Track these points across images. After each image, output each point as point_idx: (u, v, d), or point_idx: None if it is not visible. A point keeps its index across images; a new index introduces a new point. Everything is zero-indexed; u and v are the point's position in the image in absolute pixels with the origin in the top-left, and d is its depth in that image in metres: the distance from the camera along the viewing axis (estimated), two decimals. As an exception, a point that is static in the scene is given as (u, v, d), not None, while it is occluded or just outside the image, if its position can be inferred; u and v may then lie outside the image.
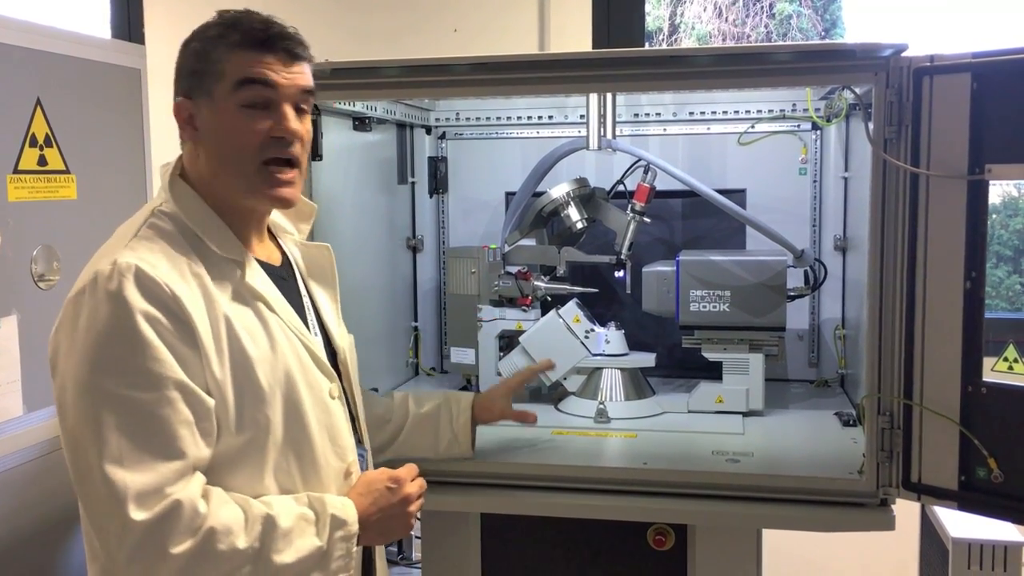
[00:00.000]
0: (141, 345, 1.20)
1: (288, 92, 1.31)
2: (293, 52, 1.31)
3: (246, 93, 1.28)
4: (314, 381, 1.37)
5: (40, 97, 2.04)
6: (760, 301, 2.06)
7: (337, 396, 1.40)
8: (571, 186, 2.23)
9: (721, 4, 5.53)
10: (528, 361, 2.18)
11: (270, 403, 1.29)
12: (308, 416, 1.34)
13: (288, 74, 1.31)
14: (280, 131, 1.30)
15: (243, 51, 1.29)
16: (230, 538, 1.20)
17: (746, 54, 1.69)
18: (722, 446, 1.87)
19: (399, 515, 1.39)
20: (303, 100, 1.34)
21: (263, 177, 1.31)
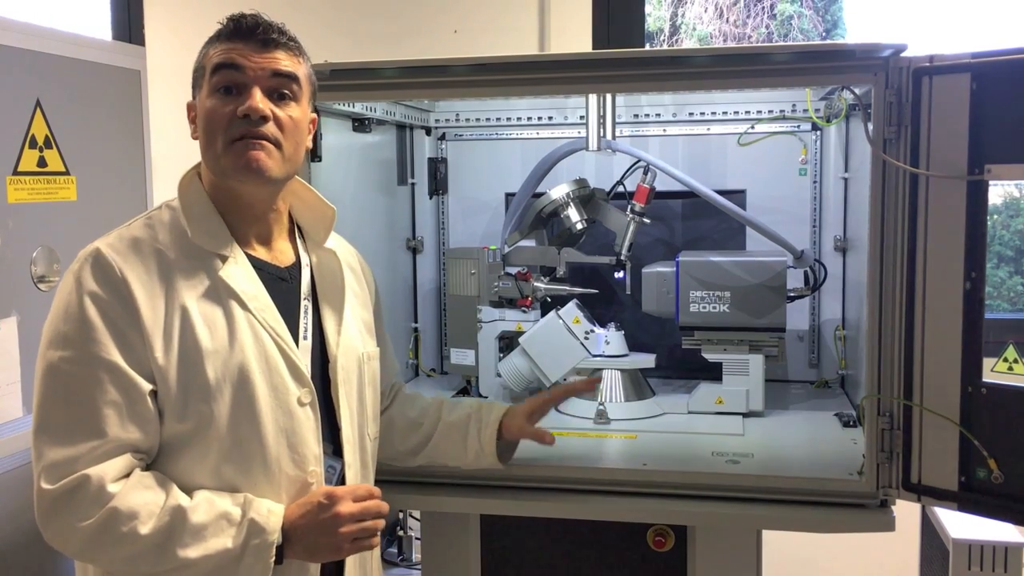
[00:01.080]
0: (84, 324, 1.28)
1: (257, 75, 1.35)
2: (266, 39, 1.36)
3: (217, 78, 1.34)
4: (280, 383, 1.36)
5: (40, 99, 2.04)
6: (760, 302, 2.06)
7: (308, 403, 1.39)
8: (571, 187, 2.23)
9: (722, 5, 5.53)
10: (528, 363, 2.18)
11: (215, 397, 1.31)
12: (263, 417, 1.34)
13: (258, 58, 1.35)
14: (244, 109, 1.33)
15: (220, 42, 1.37)
16: (133, 522, 1.24)
17: (746, 55, 1.69)
18: (722, 447, 1.86)
19: (327, 533, 1.32)
20: (281, 85, 1.37)
21: (231, 153, 1.35)
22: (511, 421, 1.68)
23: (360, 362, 1.52)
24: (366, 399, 1.53)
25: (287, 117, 1.37)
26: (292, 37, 1.40)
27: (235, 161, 1.34)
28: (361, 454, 1.51)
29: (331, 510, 1.33)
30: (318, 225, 1.54)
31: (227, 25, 1.37)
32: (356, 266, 1.65)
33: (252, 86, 1.34)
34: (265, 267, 1.43)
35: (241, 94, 1.34)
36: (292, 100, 1.38)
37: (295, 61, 1.39)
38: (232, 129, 1.33)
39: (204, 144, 1.38)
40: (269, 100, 1.35)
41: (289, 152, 1.38)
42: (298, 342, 1.42)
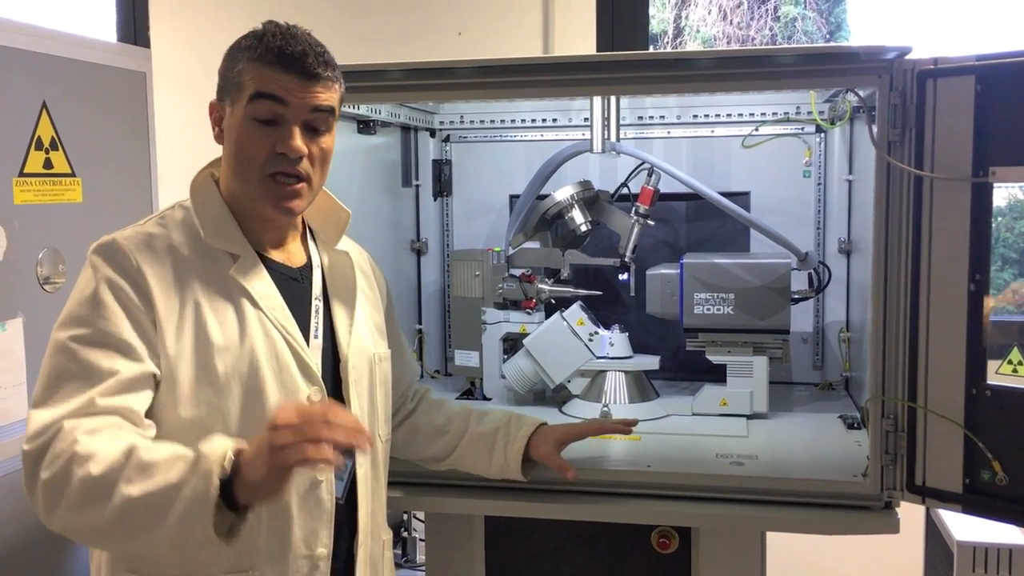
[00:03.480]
0: (98, 306, 1.30)
1: (298, 111, 1.35)
2: (310, 72, 1.34)
3: (257, 107, 1.34)
4: (289, 381, 1.37)
5: (46, 100, 2.05)
6: (764, 304, 2.06)
7: (318, 401, 1.39)
8: (575, 189, 2.23)
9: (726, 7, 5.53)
10: (532, 365, 2.18)
11: (225, 392, 1.32)
12: (272, 412, 1.33)
13: (301, 93, 1.34)
14: (283, 148, 1.35)
15: (261, 66, 1.34)
16: (87, 464, 1.18)
17: (750, 57, 1.69)
18: (726, 449, 1.86)
19: (262, 454, 1.15)
20: (319, 119, 1.38)
21: (266, 187, 1.37)
22: (540, 442, 1.66)
23: (371, 363, 1.53)
24: (377, 400, 1.54)
25: (319, 150, 1.39)
26: (332, 63, 1.39)
27: (267, 197, 1.37)
28: (372, 454, 1.51)
29: (269, 435, 1.15)
30: (331, 227, 1.55)
31: (271, 48, 1.33)
32: (368, 269, 1.66)
33: (292, 122, 1.34)
34: (277, 267, 1.45)
35: (280, 126, 1.34)
36: (326, 131, 1.40)
37: (332, 92, 1.39)
38: (268, 164, 1.35)
39: (234, 164, 1.39)
40: (305, 133, 1.36)
41: (317, 182, 1.41)
42: (309, 341, 1.43)
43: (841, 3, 5.13)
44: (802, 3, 5.38)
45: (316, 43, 1.38)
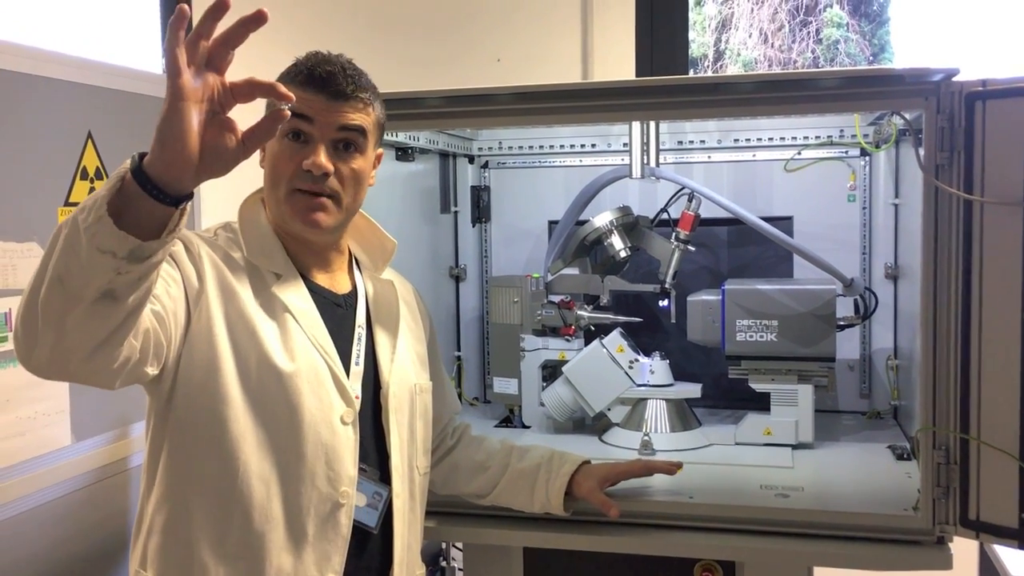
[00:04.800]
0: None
1: (324, 129, 1.37)
2: (338, 91, 1.37)
3: (288, 126, 1.35)
4: (325, 397, 1.37)
5: (91, 131, 2.08)
6: (809, 331, 2.01)
7: (350, 423, 1.39)
8: (614, 214, 2.21)
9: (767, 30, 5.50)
10: (572, 392, 2.15)
11: (260, 394, 1.33)
12: (305, 428, 1.35)
13: (328, 112, 1.37)
14: (308, 164, 1.36)
15: (294, 87, 1.36)
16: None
17: (792, 80, 1.66)
18: (771, 480, 1.82)
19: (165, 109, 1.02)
20: (347, 138, 1.39)
21: (292, 201, 1.39)
22: (583, 480, 1.65)
23: (412, 393, 1.53)
24: (417, 431, 1.53)
25: (348, 170, 1.40)
26: (364, 86, 1.41)
27: (293, 211, 1.39)
28: (410, 485, 1.50)
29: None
30: (377, 257, 1.57)
31: (301, 70, 1.38)
32: (412, 300, 1.66)
33: (318, 140, 1.37)
34: (321, 292, 1.46)
35: (307, 144, 1.37)
36: (357, 151, 1.41)
37: (363, 113, 1.41)
38: (295, 180, 1.38)
39: (269, 184, 1.42)
40: (333, 152, 1.38)
41: (347, 202, 1.42)
42: (349, 368, 1.43)
43: (884, 25, 5.08)
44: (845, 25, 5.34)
45: (352, 67, 1.40)
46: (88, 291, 1.06)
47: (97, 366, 1.13)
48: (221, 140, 1.05)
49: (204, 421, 1.32)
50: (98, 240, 1.03)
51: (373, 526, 1.42)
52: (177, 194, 1.06)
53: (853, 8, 5.42)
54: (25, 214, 1.87)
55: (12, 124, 1.85)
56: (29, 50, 1.93)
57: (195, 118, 1.02)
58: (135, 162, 1.05)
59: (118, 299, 1.08)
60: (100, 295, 1.06)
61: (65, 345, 1.09)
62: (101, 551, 2.09)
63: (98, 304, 1.07)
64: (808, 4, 5.52)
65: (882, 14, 5.43)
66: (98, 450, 2.07)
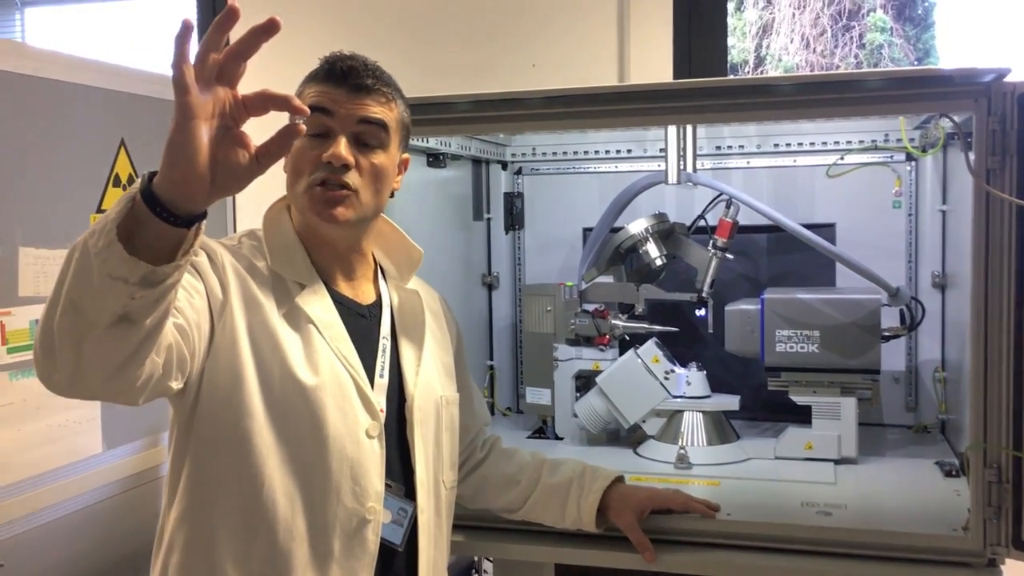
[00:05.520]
0: None
1: (345, 122, 1.35)
2: (358, 84, 1.35)
3: (308, 121, 1.32)
4: (350, 411, 1.34)
5: (124, 138, 2.08)
6: (852, 342, 1.94)
7: (376, 436, 1.36)
8: (650, 221, 2.16)
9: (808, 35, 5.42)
10: (606, 403, 2.11)
11: (284, 409, 1.29)
12: (330, 443, 1.31)
13: (348, 104, 1.35)
14: (328, 156, 1.33)
15: (315, 84, 1.37)
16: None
17: (835, 82, 1.60)
18: (813, 497, 1.75)
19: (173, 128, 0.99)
20: (368, 132, 1.37)
21: (311, 195, 1.36)
22: (620, 508, 1.59)
23: (438, 405, 1.49)
24: (443, 444, 1.49)
25: (369, 164, 1.37)
26: (386, 81, 1.39)
27: (313, 204, 1.36)
28: (435, 500, 1.46)
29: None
30: (402, 266, 1.53)
31: (322, 66, 1.37)
32: (439, 310, 1.63)
33: (339, 133, 1.35)
34: (345, 302, 1.43)
35: (328, 138, 1.35)
36: (379, 147, 1.38)
37: (385, 108, 1.38)
38: (316, 173, 1.35)
39: (289, 181, 1.39)
40: (355, 146, 1.36)
41: (367, 198, 1.38)
42: (374, 380, 1.40)
43: (930, 29, 5.00)
44: (889, 30, 5.25)
45: (375, 65, 1.39)
46: (102, 316, 1.02)
47: (119, 386, 1.10)
48: (234, 157, 1.01)
49: (227, 435, 1.29)
50: (108, 266, 0.99)
51: (399, 543, 1.39)
52: (189, 215, 1.02)
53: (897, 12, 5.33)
54: (57, 221, 1.87)
55: (45, 130, 1.86)
56: (62, 57, 1.94)
57: (205, 136, 0.98)
58: (145, 183, 1.01)
59: (135, 322, 1.04)
60: (115, 320, 1.03)
61: (84, 368, 1.06)
62: (131, 561, 2.09)
63: (114, 328, 1.03)
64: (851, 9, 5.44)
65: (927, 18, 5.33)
66: (129, 458, 2.07)
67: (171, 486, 1.35)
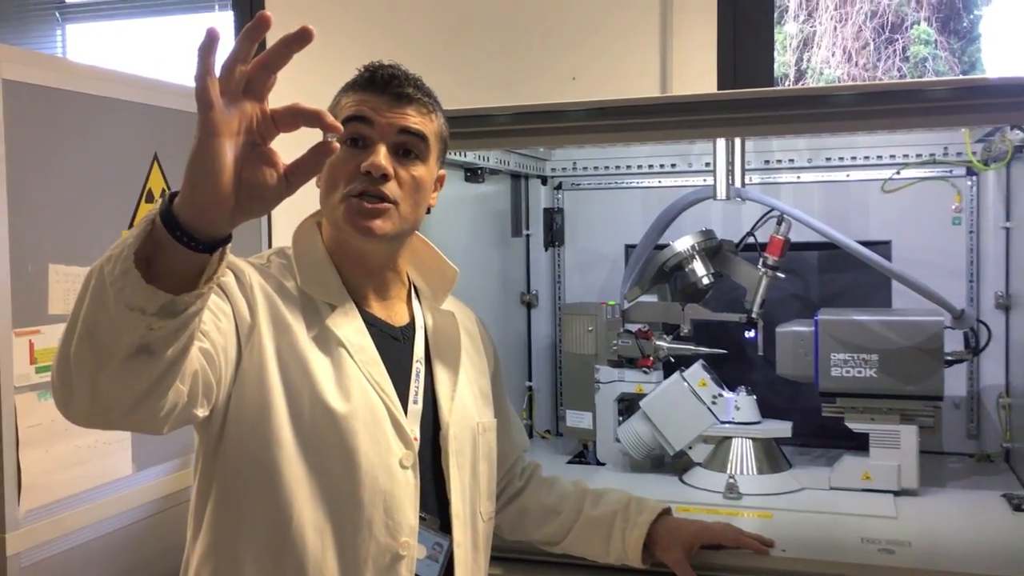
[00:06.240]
0: None
1: (385, 131, 1.29)
2: (399, 93, 1.30)
3: (347, 130, 1.26)
4: (383, 439, 1.26)
5: (157, 153, 2.04)
6: (913, 366, 1.84)
7: (410, 466, 1.28)
8: (696, 239, 2.08)
9: (850, 48, 5.32)
10: (650, 428, 2.02)
11: (313, 438, 1.22)
12: (362, 474, 1.24)
13: (388, 113, 1.29)
14: (367, 165, 1.27)
15: (353, 92, 1.32)
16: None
17: (896, 91, 1.51)
18: (872, 532, 1.65)
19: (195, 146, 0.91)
20: (408, 142, 1.31)
21: (347, 206, 1.29)
22: (668, 543, 1.50)
23: (474, 433, 1.41)
24: (480, 474, 1.41)
25: (409, 176, 1.31)
26: (427, 92, 1.34)
27: (349, 216, 1.29)
28: (472, 534, 1.38)
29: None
30: (437, 286, 1.46)
31: (362, 74, 1.32)
32: (474, 331, 1.55)
33: (378, 142, 1.29)
34: (377, 323, 1.36)
35: (367, 148, 1.29)
36: (418, 159, 1.32)
37: (426, 119, 1.33)
38: (353, 184, 1.28)
39: (324, 193, 1.33)
40: (394, 157, 1.30)
41: (405, 211, 1.31)
42: (407, 406, 1.32)
43: (975, 42, 4.89)
44: (933, 43, 5.14)
45: (414, 75, 1.33)
46: (119, 348, 0.95)
47: (141, 417, 1.03)
48: (260, 176, 0.93)
49: (254, 465, 1.22)
50: (125, 296, 0.92)
51: None
52: (212, 239, 0.94)
53: (942, 25, 5.21)
54: (89, 237, 1.83)
55: (78, 145, 1.82)
56: (95, 70, 1.91)
57: (229, 154, 0.90)
58: (165, 204, 0.93)
59: (155, 354, 0.97)
60: (134, 351, 0.96)
61: (102, 399, 0.99)
62: (161, 583, 2.04)
63: (133, 360, 0.96)
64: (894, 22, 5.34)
65: (972, 31, 5.21)
66: (160, 480, 2.02)
67: (196, 518, 1.28)
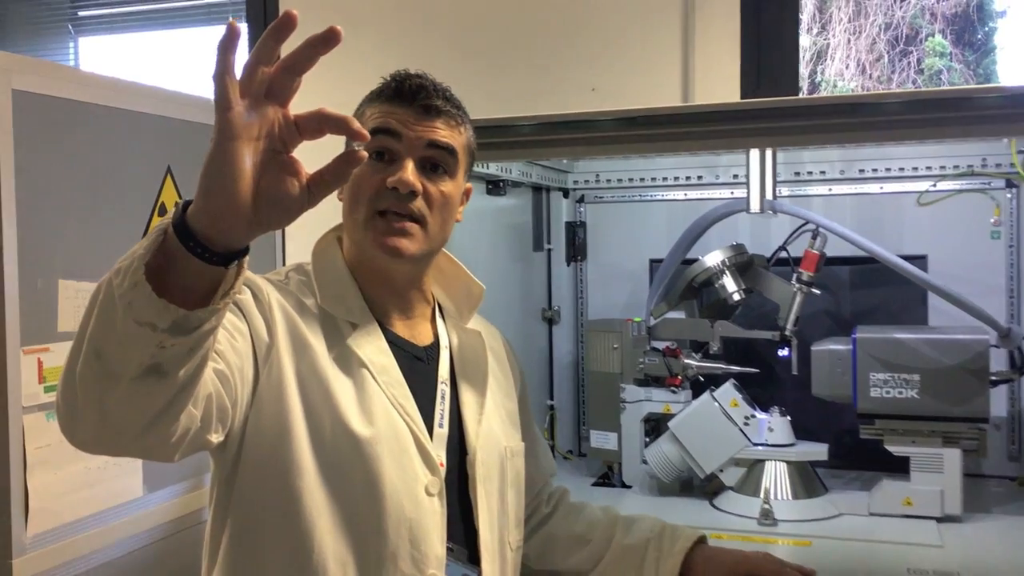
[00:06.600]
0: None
1: (413, 145, 1.23)
2: (427, 105, 1.23)
3: (372, 142, 1.20)
4: (408, 465, 1.20)
5: (171, 166, 1.99)
6: (957, 387, 1.76)
7: (436, 494, 1.21)
8: (727, 253, 2.00)
9: (864, 60, 5.28)
10: (679, 450, 1.94)
11: (335, 462, 1.16)
12: (387, 502, 1.17)
13: (416, 126, 1.23)
14: (393, 181, 1.21)
15: (380, 103, 1.25)
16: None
17: (945, 99, 1.45)
18: (919, 561, 1.57)
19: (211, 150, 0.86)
20: (436, 157, 1.25)
21: (373, 226, 1.23)
22: (704, 570, 1.43)
23: (502, 457, 1.34)
24: (508, 501, 1.34)
25: (438, 192, 1.25)
26: (456, 103, 1.28)
27: (375, 237, 1.23)
28: (501, 564, 1.31)
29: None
30: (462, 304, 1.39)
31: (389, 84, 1.26)
32: (501, 351, 1.48)
33: (405, 156, 1.23)
34: (400, 343, 1.29)
35: (393, 162, 1.23)
36: (446, 173, 1.26)
37: (455, 131, 1.27)
38: (379, 200, 1.22)
39: (348, 208, 1.27)
40: (421, 172, 1.24)
41: (434, 229, 1.26)
42: (432, 430, 1.26)
43: (990, 54, 4.86)
44: (948, 55, 5.11)
45: (443, 85, 1.27)
46: (128, 368, 0.89)
47: (150, 443, 0.97)
48: (282, 186, 0.87)
49: (273, 494, 1.15)
50: (134, 310, 0.86)
51: None
52: (228, 251, 0.88)
53: (956, 37, 5.18)
54: (100, 252, 1.77)
55: (89, 158, 1.77)
56: (107, 80, 1.86)
57: (248, 160, 0.85)
58: (178, 213, 0.87)
59: (166, 375, 0.91)
60: (143, 371, 0.89)
61: (110, 424, 0.93)
62: (172, 612, 1.98)
63: (142, 381, 0.90)
64: (908, 34, 5.30)
65: (987, 42, 5.17)
66: (172, 501, 1.96)
67: (211, 549, 1.21)
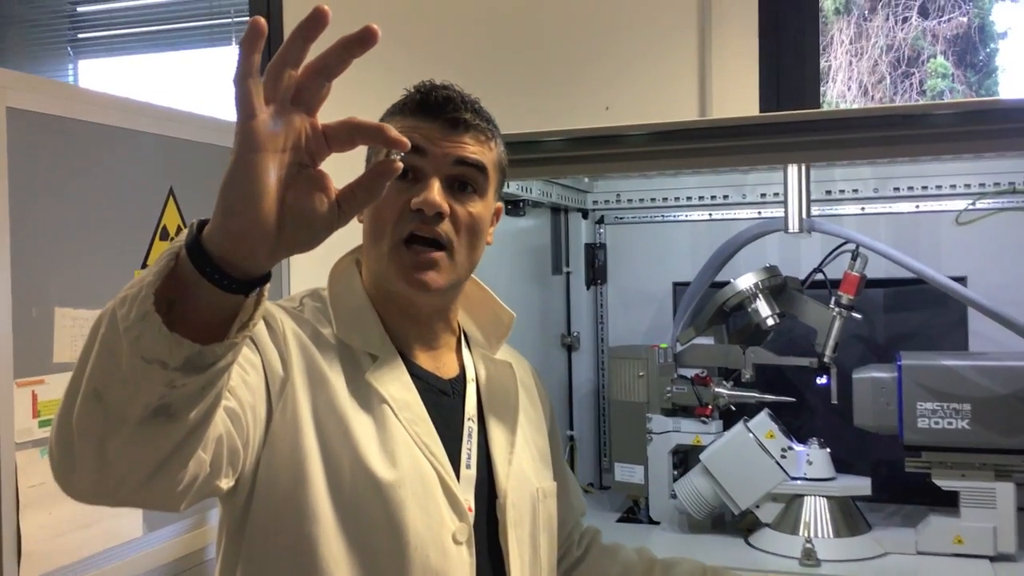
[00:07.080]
0: None
1: (439, 162, 1.12)
2: (455, 119, 1.13)
3: None
4: (434, 511, 1.09)
5: (173, 187, 1.91)
6: (1011, 417, 1.65)
7: (464, 542, 1.11)
8: (759, 276, 1.90)
9: (867, 82, 5.25)
10: (711, 484, 1.83)
11: (352, 509, 1.06)
12: (411, 551, 1.07)
13: (443, 142, 1.12)
14: (418, 202, 1.10)
15: (402, 117, 1.15)
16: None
17: (996, 110, 1.35)
18: (975, 606, 1.46)
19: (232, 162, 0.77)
20: (465, 175, 1.14)
21: (398, 255, 1.12)
22: None
23: (534, 500, 1.23)
24: (540, 547, 1.23)
25: (466, 213, 1.14)
26: (486, 117, 1.17)
27: (399, 270, 1.13)
28: None
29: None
30: (490, 332, 1.29)
31: (413, 96, 1.16)
32: (531, 383, 1.37)
33: (431, 175, 1.12)
34: (424, 376, 1.18)
35: (418, 181, 1.12)
36: (475, 192, 1.16)
37: (484, 147, 1.16)
38: (402, 224, 1.12)
39: (369, 233, 1.16)
40: (448, 191, 1.13)
41: (462, 256, 1.15)
42: (459, 471, 1.15)
43: (992, 75, 4.83)
44: (950, 76, 5.09)
45: (471, 96, 1.17)
46: (133, 409, 0.79)
47: (155, 493, 0.86)
48: (309, 202, 0.78)
49: (287, 544, 1.05)
50: (142, 345, 0.76)
51: None
52: (248, 277, 0.79)
53: (958, 58, 5.15)
54: (98, 278, 1.68)
55: (87, 178, 1.69)
56: (106, 98, 1.78)
57: (273, 174, 0.76)
58: (192, 234, 0.78)
59: (174, 416, 0.81)
60: (150, 413, 0.79)
61: (110, 474, 0.82)
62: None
63: (148, 424, 0.80)
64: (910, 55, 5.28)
65: (989, 63, 5.15)
66: (174, 540, 1.86)
67: None
